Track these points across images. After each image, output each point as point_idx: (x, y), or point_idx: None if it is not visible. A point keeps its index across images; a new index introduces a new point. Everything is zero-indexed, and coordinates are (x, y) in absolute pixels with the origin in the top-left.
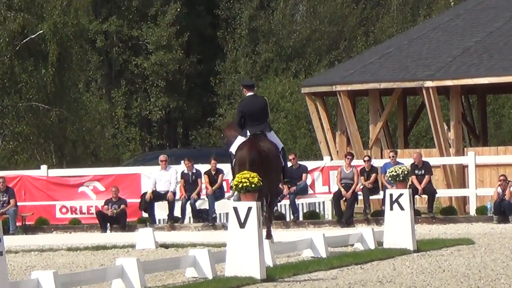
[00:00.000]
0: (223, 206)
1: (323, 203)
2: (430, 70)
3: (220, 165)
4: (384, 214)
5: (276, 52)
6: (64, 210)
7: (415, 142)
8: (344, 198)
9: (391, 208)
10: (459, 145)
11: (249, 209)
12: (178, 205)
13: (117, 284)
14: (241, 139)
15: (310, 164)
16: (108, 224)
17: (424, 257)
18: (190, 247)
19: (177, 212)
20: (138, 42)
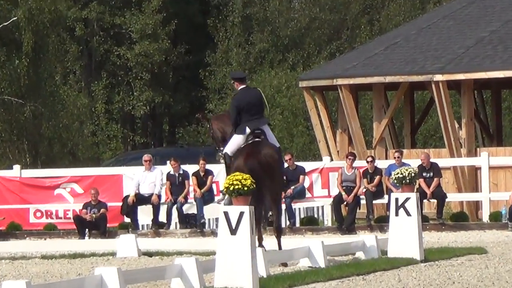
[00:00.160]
0: (213, 211)
1: (322, 208)
2: (440, 63)
3: (210, 166)
4: (389, 220)
5: (272, 42)
6: (39, 214)
7: (423, 142)
8: (345, 203)
9: (397, 214)
10: (471, 145)
11: (241, 214)
12: (164, 209)
13: None
14: (239, 139)
15: (308, 165)
16: (87, 230)
17: (432, 268)
18: (176, 256)
19: (162, 217)
20: (121, 31)
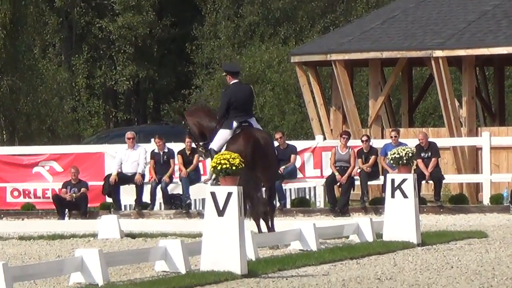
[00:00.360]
0: (199, 191)
1: (314, 189)
2: (440, 38)
3: None
4: (385, 202)
5: (263, 15)
6: (16, 194)
7: (421, 121)
8: (339, 184)
9: (393, 196)
10: (472, 124)
11: (229, 195)
12: (147, 189)
13: (76, 278)
14: (225, 134)
15: (300, 144)
16: (67, 210)
17: (430, 252)
18: (161, 237)
19: (146, 197)
20: (103, 2)
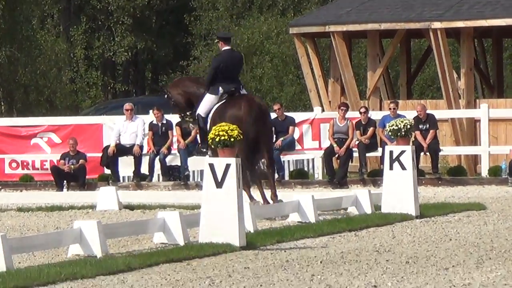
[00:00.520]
0: (197, 163)
1: (313, 161)
2: (439, 10)
3: None
4: (383, 174)
5: None
6: (14, 165)
7: (420, 92)
8: (337, 155)
9: (391, 168)
10: (470, 96)
11: (228, 167)
12: (146, 161)
13: (75, 250)
14: (212, 98)
15: (298, 116)
16: (65, 182)
17: (428, 224)
18: (159, 209)
19: (144, 169)
20: None
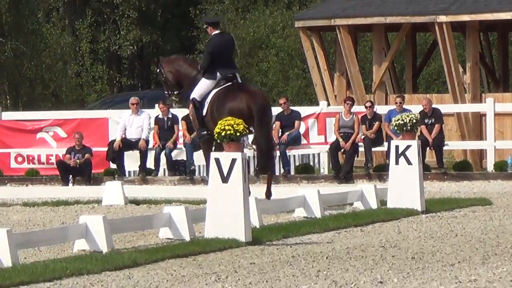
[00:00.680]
0: (203, 157)
1: (318, 155)
2: (444, 3)
3: None
4: (389, 169)
5: None
6: (20, 159)
7: (425, 87)
8: (343, 150)
9: (397, 162)
10: (476, 90)
11: (233, 161)
12: (151, 155)
13: (80, 245)
14: (208, 83)
15: (304, 110)
16: (71, 176)
17: (434, 219)
18: (165, 204)
19: (150, 163)
20: None
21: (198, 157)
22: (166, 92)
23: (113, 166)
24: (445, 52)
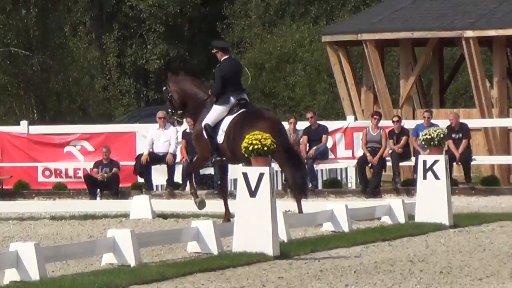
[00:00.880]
0: (231, 172)
1: (346, 170)
2: (471, 18)
3: None
4: (416, 184)
5: None
6: (48, 173)
7: (453, 101)
8: (370, 164)
9: (424, 177)
10: (503, 105)
11: (261, 176)
12: (179, 169)
13: (108, 259)
14: (221, 109)
15: (331, 124)
16: (98, 190)
17: (462, 234)
18: (193, 218)
19: (178, 177)
20: None
21: None
22: (170, 110)
23: (141, 180)
24: (472, 67)
